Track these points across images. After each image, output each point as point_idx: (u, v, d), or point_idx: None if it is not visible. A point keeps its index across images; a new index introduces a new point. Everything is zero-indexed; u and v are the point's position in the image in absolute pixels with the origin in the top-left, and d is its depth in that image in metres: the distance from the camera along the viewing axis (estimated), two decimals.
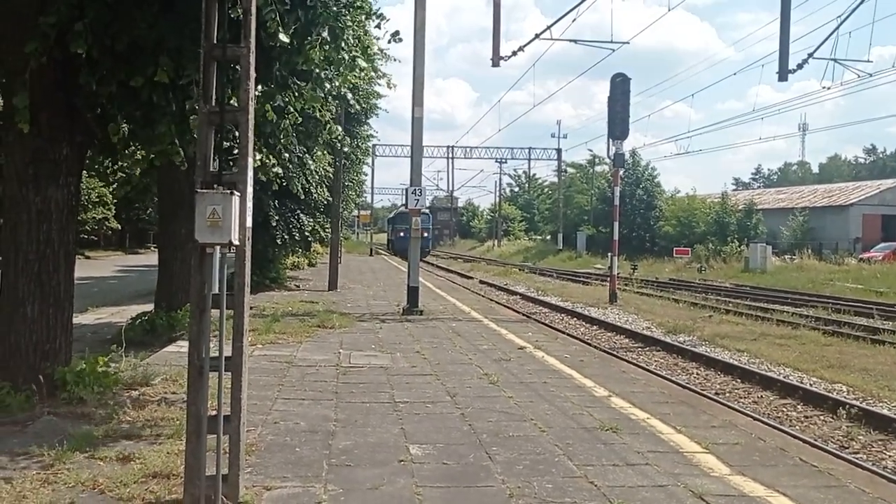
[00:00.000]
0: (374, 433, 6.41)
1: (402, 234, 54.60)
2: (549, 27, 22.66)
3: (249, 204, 4.83)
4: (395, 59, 20.57)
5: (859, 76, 21.59)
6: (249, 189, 4.83)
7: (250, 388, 7.56)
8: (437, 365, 9.85)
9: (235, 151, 5.21)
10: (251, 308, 15.09)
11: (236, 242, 4.62)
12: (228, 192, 4.60)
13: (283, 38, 6.84)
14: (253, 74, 4.92)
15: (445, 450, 5.97)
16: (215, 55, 4.82)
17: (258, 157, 9.55)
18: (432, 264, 53.08)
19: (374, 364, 9.76)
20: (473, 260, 62.00)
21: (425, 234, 48.78)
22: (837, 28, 20.81)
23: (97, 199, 46.24)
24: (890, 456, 8.20)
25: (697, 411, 7.74)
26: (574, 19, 21.49)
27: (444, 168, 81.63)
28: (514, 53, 22.71)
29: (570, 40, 24.73)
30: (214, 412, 4.67)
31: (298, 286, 23.25)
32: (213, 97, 4.87)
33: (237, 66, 5.04)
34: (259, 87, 7.99)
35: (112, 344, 9.54)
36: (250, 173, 4.83)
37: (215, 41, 4.87)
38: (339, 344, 11.33)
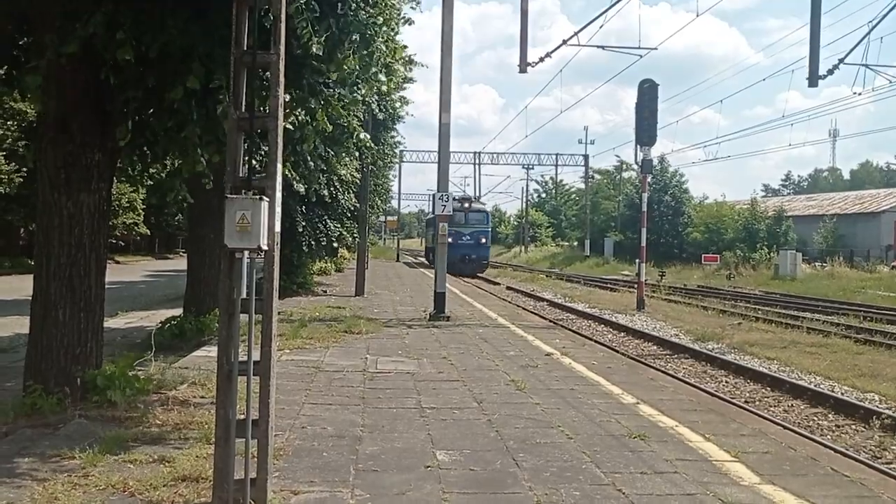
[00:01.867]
0: (400, 439, 6.41)
1: (450, 239, 46.89)
2: (576, 33, 22.66)
3: (278, 209, 4.87)
4: (422, 65, 20.66)
5: (891, 82, 21.28)
6: (278, 194, 4.87)
7: (278, 392, 7.61)
8: (463, 371, 9.83)
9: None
10: (279, 313, 15.18)
11: (265, 247, 4.66)
12: (258, 197, 4.65)
13: (317, 48, 6.90)
14: (282, 81, 4.96)
15: (472, 456, 5.96)
16: (245, 61, 4.87)
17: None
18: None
19: (401, 370, 9.77)
20: (500, 266, 61.86)
21: (483, 241, 44.40)
22: (869, 33, 20.56)
23: (127, 204, 46.84)
24: None
25: (727, 419, 7.65)
26: (601, 25, 21.55)
27: (470, 174, 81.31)
28: (542, 60, 22.73)
29: (598, 46, 24.60)
30: (243, 416, 4.70)
31: (326, 291, 23.37)
32: (243, 103, 4.93)
33: (267, 73, 5.10)
34: (288, 94, 8.07)
35: (142, 348, 9.67)
36: (279, 178, 4.87)
37: (245, 48, 4.92)
38: (365, 349, 11.36)
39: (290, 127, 7.99)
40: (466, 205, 45.15)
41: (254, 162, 6.04)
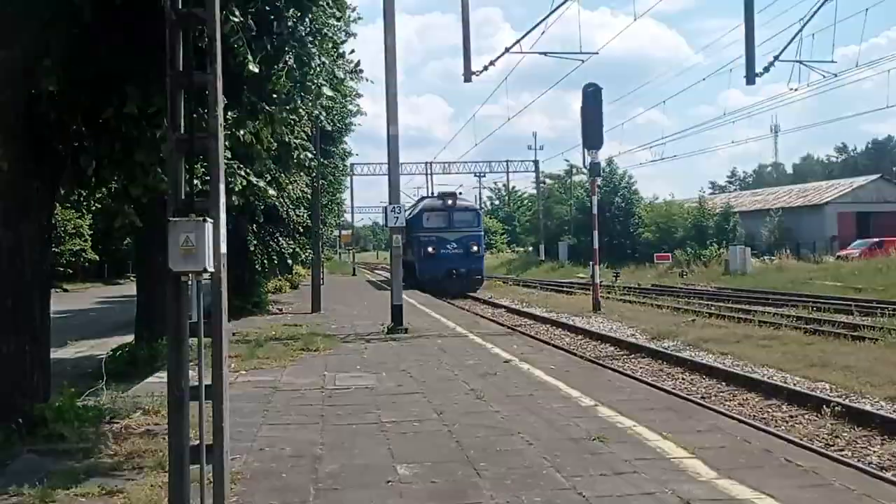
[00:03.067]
0: (361, 455, 6.36)
1: (430, 249, 33.92)
2: (518, 41, 22.86)
3: (223, 230, 4.80)
4: (368, 80, 20.64)
5: (824, 77, 21.92)
6: (223, 215, 4.80)
7: (234, 415, 7.48)
8: (423, 383, 9.81)
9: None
10: (234, 334, 15.04)
11: (211, 269, 4.59)
12: (201, 219, 4.58)
13: (253, 67, 6.85)
14: (221, 101, 4.90)
15: (433, 468, 5.94)
16: (181, 82, 4.80)
17: (242, 179, 9.52)
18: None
19: (360, 385, 9.70)
20: None
21: (474, 248, 34.40)
22: (801, 30, 21.13)
23: (73, 231, 45.80)
24: (874, 451, 8.24)
25: (683, 416, 7.75)
26: (543, 32, 21.63)
27: (423, 184, 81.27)
28: (486, 68, 22.83)
29: (540, 53, 24.87)
30: (197, 442, 4.62)
31: (281, 310, 23.12)
32: (182, 124, 4.85)
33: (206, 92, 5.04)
34: (229, 113, 7.99)
35: (93, 377, 9.45)
36: (222, 200, 4.80)
37: (181, 68, 4.85)
38: (323, 366, 11.27)
39: (231, 145, 7.90)
40: (450, 202, 35.02)
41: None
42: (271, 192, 10.76)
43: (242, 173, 9.78)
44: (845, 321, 19.08)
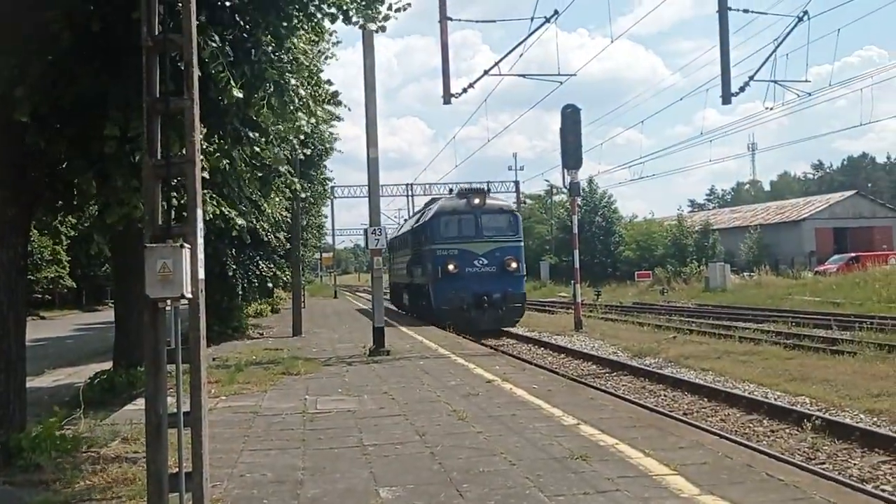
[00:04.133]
0: (342, 479, 6.31)
1: (451, 266, 24.16)
2: (496, 63, 22.93)
3: (201, 255, 4.79)
4: (345, 106, 20.69)
5: (799, 96, 22.22)
6: (200, 240, 4.79)
7: (215, 441, 7.44)
8: (405, 405, 9.77)
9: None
10: (214, 359, 14.92)
11: (189, 295, 4.57)
12: (178, 245, 4.57)
13: (237, 93, 6.87)
14: (198, 126, 4.91)
15: (416, 490, 5.90)
16: (158, 108, 4.82)
17: (215, 208, 9.50)
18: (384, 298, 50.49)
19: (342, 408, 9.64)
20: None
21: (513, 266, 24.26)
22: (775, 51, 21.43)
23: (50, 257, 45.34)
24: (855, 464, 8.31)
25: (665, 433, 7.76)
26: (521, 54, 21.74)
27: (404, 206, 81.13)
28: (465, 91, 22.90)
29: (519, 75, 25.23)
30: (176, 470, 4.58)
31: (262, 334, 22.97)
32: (158, 150, 4.86)
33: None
34: (211, 140, 8.00)
35: (70, 406, 9.32)
36: (200, 225, 4.80)
37: (157, 94, 4.86)
38: (304, 390, 11.19)
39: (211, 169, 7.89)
40: (477, 201, 24.80)
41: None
42: (240, 221, 10.76)
43: (215, 202, 9.76)
44: (824, 336, 19.27)
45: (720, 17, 21.50)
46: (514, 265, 24.30)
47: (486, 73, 22.91)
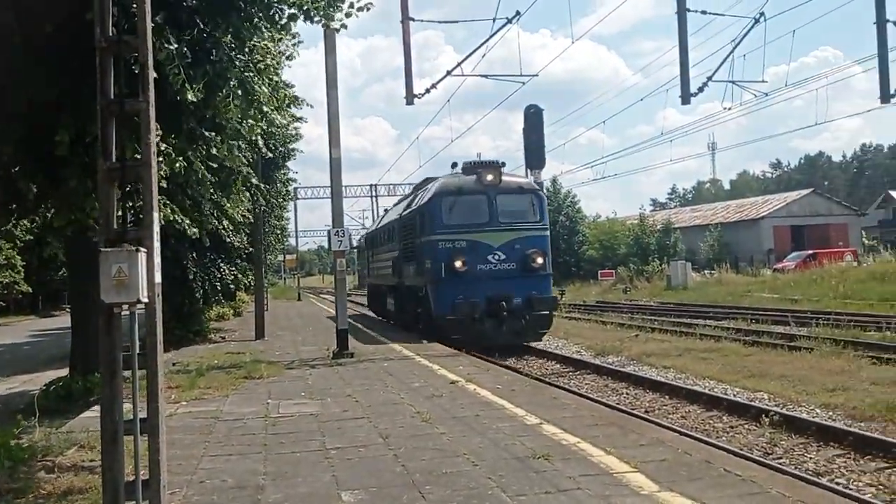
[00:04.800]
0: (304, 483, 6.27)
1: (457, 263, 18.50)
2: (459, 64, 22.94)
3: (157, 259, 4.73)
4: (308, 105, 20.60)
5: (756, 96, 22.62)
6: (157, 244, 4.73)
7: (174, 447, 7.35)
8: (368, 407, 9.74)
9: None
10: (174, 364, 14.73)
11: (145, 300, 4.51)
12: (134, 249, 4.51)
13: (191, 95, 6.79)
14: (154, 128, 4.85)
15: (378, 493, 5.89)
16: (112, 110, 4.74)
17: (169, 215, 9.38)
18: (359, 302, 50.02)
19: (304, 412, 9.58)
20: None
21: (538, 261, 18.83)
22: (733, 51, 21.80)
23: (4, 262, 44.36)
24: (811, 458, 8.48)
25: (626, 431, 7.84)
26: (484, 55, 21.77)
27: (368, 207, 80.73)
28: (428, 91, 22.90)
29: (481, 75, 25.28)
30: (133, 478, 4.51)
31: (224, 338, 22.72)
32: (113, 153, 4.78)
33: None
34: (168, 140, 7.90)
35: (26, 414, 9.13)
36: (156, 228, 4.74)
37: (112, 96, 4.79)
38: (267, 394, 11.10)
39: (168, 173, 7.79)
40: (490, 177, 19.31)
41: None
42: (193, 229, 10.67)
43: (169, 209, 9.63)
44: (782, 332, 19.63)
45: (679, 18, 21.82)
46: (539, 260, 18.63)
47: (448, 73, 22.93)
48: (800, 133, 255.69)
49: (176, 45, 7.10)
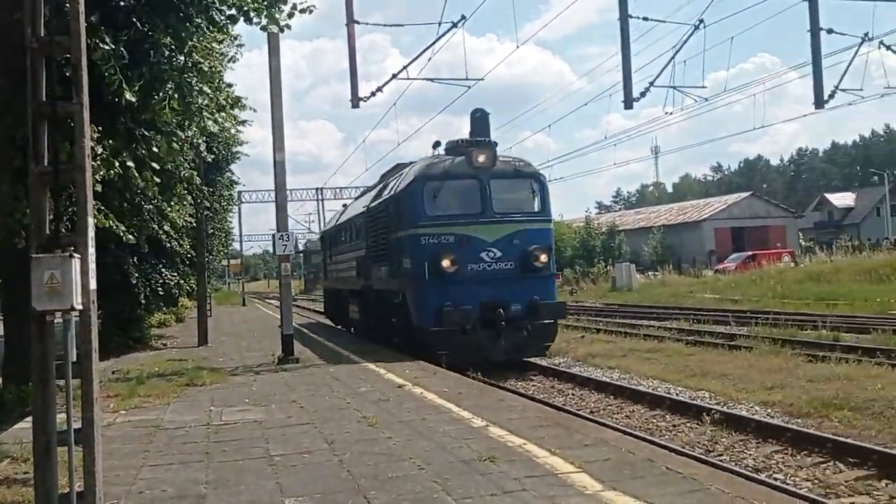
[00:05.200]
0: (247, 491, 6.18)
1: (445, 262, 15.36)
2: (405, 67, 22.88)
3: (92, 266, 4.61)
4: (252, 108, 20.32)
5: (696, 101, 23.12)
6: (91, 250, 4.61)
7: (112, 458, 7.17)
8: (314, 413, 9.64)
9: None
10: (113, 372, 14.38)
11: (79, 307, 4.39)
12: (67, 254, 4.38)
13: (129, 96, 6.65)
14: (88, 131, 4.73)
15: (323, 499, 5.83)
16: (44, 112, 4.61)
17: (104, 221, 9.15)
18: (306, 308, 49.92)
19: (248, 419, 9.44)
20: None
21: (541, 259, 16.02)
22: (673, 57, 22.24)
23: None
24: (750, 455, 8.69)
25: (571, 432, 7.92)
26: (429, 59, 21.78)
27: (314, 210, 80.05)
28: (373, 94, 22.80)
29: (427, 79, 25.36)
30: (67, 490, 4.38)
31: (166, 344, 22.27)
32: (45, 156, 4.65)
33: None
34: (105, 142, 7.72)
35: None
36: (91, 233, 4.62)
37: (44, 98, 4.65)
38: (210, 401, 10.90)
39: (105, 176, 7.61)
40: (481, 158, 16.30)
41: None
42: (130, 235, 10.45)
43: (104, 215, 9.40)
44: (723, 332, 20.08)
45: (621, 24, 22.17)
46: (543, 258, 15.87)
47: (394, 76, 22.86)
48: (740, 137, 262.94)
49: (112, 46, 6.95)
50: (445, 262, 15.31)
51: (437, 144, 18.02)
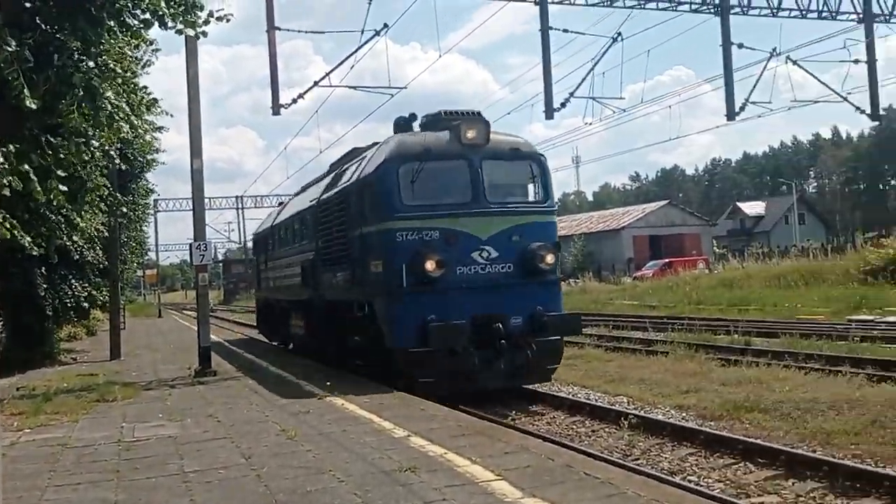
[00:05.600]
0: None
1: (429, 265, 12.05)
2: (327, 74, 22.77)
3: None
4: (168, 114, 19.83)
5: (615, 112, 23.72)
6: None
7: (14, 478, 6.84)
8: (231, 427, 9.40)
9: None
10: (18, 389, 13.72)
11: None
12: None
13: (30, 102, 6.38)
14: None
15: None
16: None
17: (3, 233, 8.73)
18: (226, 319, 48.88)
19: (162, 434, 9.13)
20: None
21: (546, 259, 12.78)
22: (593, 68, 22.81)
23: None
24: (665, 458, 8.89)
25: (493, 440, 7.94)
26: (352, 66, 21.67)
27: (234, 219, 78.43)
28: (294, 101, 22.59)
29: (349, 87, 25.33)
30: None
31: (76, 359, 21.38)
32: None
33: None
34: (6, 147, 7.37)
35: None
36: None
37: None
38: (122, 417, 10.51)
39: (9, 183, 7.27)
40: (470, 133, 12.93)
41: None
42: (34, 246, 10.02)
43: (8, 224, 8.98)
44: (641, 337, 20.60)
45: (542, 35, 22.62)
46: (549, 260, 12.78)
47: (315, 84, 22.71)
48: (657, 147, 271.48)
49: (16, 48, 6.65)
50: (430, 265, 12.03)
51: (410, 118, 14.69)
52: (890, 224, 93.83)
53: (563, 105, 23.05)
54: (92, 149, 9.48)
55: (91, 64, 8.01)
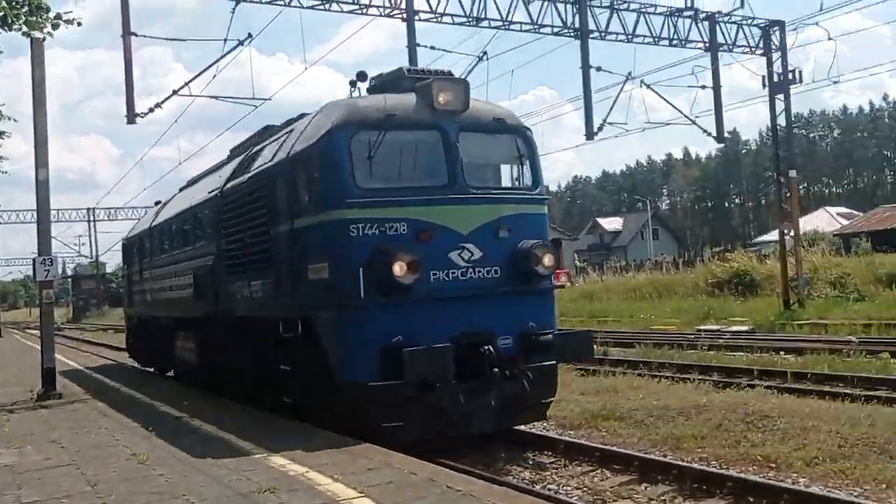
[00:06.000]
0: None
1: (400, 267, 8.71)
2: (187, 83, 22.01)
3: None
4: (13, 119, 18.48)
5: None
6: None
7: None
8: (76, 453, 8.81)
9: None
10: None
11: None
12: None
13: None
14: None
15: None
16: None
17: None
18: (75, 338, 45.84)
19: None
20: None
21: (545, 262, 9.77)
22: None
23: None
24: (527, 468, 9.06)
25: (356, 457, 7.82)
26: (214, 75, 21.06)
27: (85, 232, 74.21)
28: (151, 110, 21.76)
29: (211, 97, 24.64)
30: None
31: None
32: None
33: None
34: None
35: None
36: None
37: None
38: None
39: None
40: (445, 97, 9.61)
41: None
42: None
43: None
44: None
45: (409, 52, 22.77)
46: (546, 261, 9.87)
47: (174, 93, 21.93)
48: None
49: None
50: (399, 268, 8.83)
51: (360, 78, 10.71)
52: (734, 239, 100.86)
53: None
54: None
55: None
